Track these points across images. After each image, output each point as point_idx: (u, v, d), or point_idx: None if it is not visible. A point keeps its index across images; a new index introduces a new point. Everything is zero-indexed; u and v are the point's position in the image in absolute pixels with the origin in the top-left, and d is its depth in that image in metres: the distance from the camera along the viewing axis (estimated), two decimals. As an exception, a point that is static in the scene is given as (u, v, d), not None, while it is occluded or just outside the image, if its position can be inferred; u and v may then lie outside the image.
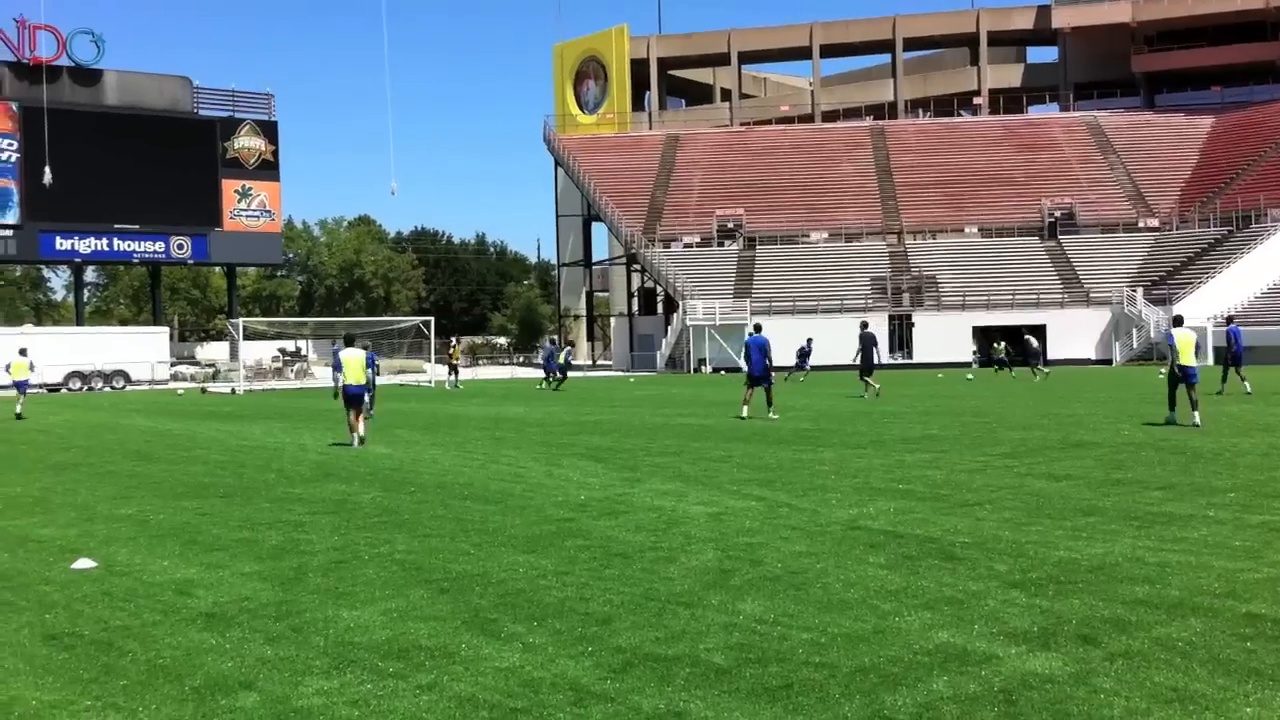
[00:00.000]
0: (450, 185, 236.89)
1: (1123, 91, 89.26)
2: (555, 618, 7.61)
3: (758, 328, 26.82)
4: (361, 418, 21.12)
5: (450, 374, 52.21)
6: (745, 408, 25.31)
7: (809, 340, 48.17)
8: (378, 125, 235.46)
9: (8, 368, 36.32)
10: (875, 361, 33.39)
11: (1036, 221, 73.85)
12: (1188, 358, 21.17)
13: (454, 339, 67.78)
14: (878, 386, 33.10)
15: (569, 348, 65.31)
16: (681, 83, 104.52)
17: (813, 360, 48.17)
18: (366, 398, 22.87)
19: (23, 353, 37.04)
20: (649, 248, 73.96)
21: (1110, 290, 65.39)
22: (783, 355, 36.46)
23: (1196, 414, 20.61)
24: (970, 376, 42.72)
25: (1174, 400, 21.50)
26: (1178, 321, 22.75)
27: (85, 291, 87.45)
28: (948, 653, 6.54)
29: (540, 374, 53.55)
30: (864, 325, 34.53)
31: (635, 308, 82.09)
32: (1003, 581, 8.31)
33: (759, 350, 24.84)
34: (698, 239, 75.44)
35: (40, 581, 9.29)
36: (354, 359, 21.03)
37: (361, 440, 20.62)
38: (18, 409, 33.97)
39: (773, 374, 25.15)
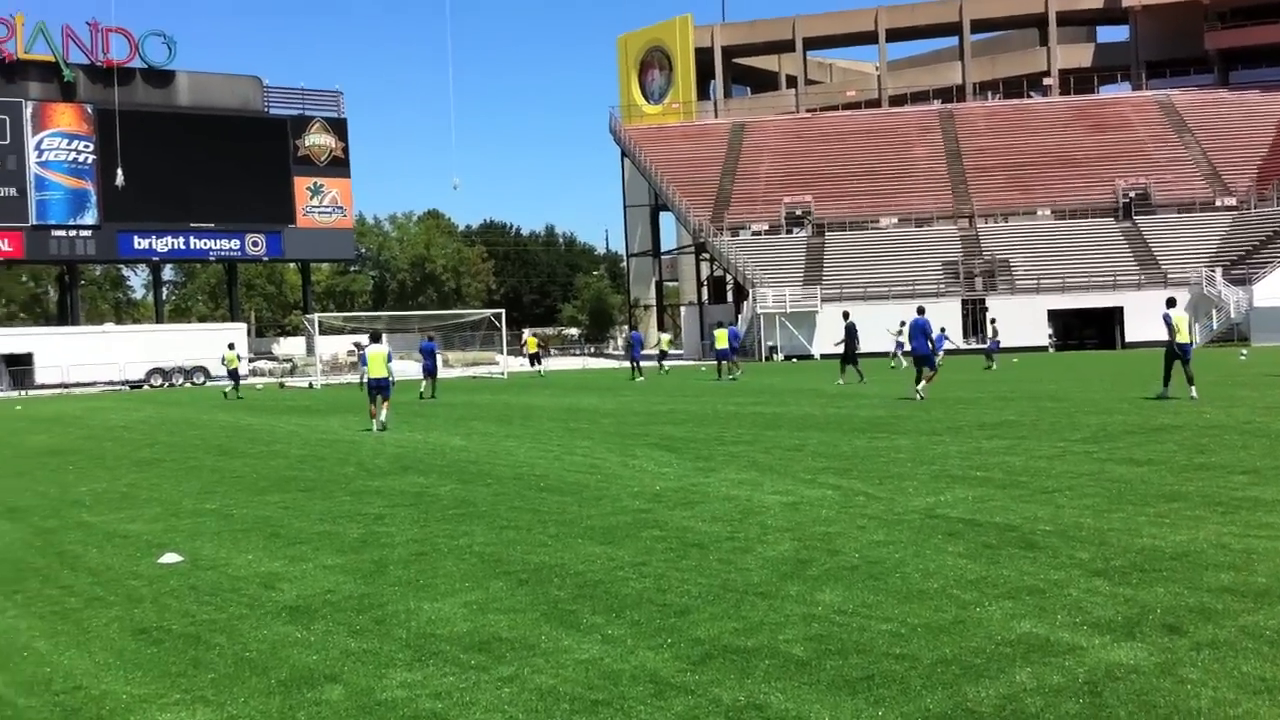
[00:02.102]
0: (518, 178, 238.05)
1: (1195, 69, 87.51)
2: (633, 609, 7.63)
3: (920, 310, 27.31)
4: (385, 404, 23.09)
5: (533, 364, 52.59)
6: (923, 386, 25.67)
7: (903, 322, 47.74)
8: (444, 120, 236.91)
9: (223, 359, 43.33)
10: (858, 350, 34.86)
11: (1110, 202, 72.68)
12: (1184, 336, 23.11)
13: (524, 332, 68.01)
14: (860, 374, 34.27)
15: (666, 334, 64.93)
16: (746, 70, 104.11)
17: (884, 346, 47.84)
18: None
19: (231, 346, 42.91)
20: (717, 236, 73.82)
21: (1188, 271, 64.25)
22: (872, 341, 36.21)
23: (1193, 388, 22.53)
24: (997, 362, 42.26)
25: (1169, 376, 23.25)
26: (1171, 303, 24.15)
27: (164, 290, 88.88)
28: (1030, 643, 6.47)
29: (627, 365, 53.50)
30: (846, 315, 36.38)
31: (705, 296, 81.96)
32: (1085, 570, 8.20)
33: (922, 332, 25.77)
34: (766, 226, 75.16)
35: (128, 576, 9.47)
36: (377, 354, 23.14)
37: (383, 426, 22.71)
38: (232, 392, 42.08)
39: (936, 357, 25.97)
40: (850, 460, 15.01)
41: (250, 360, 67.34)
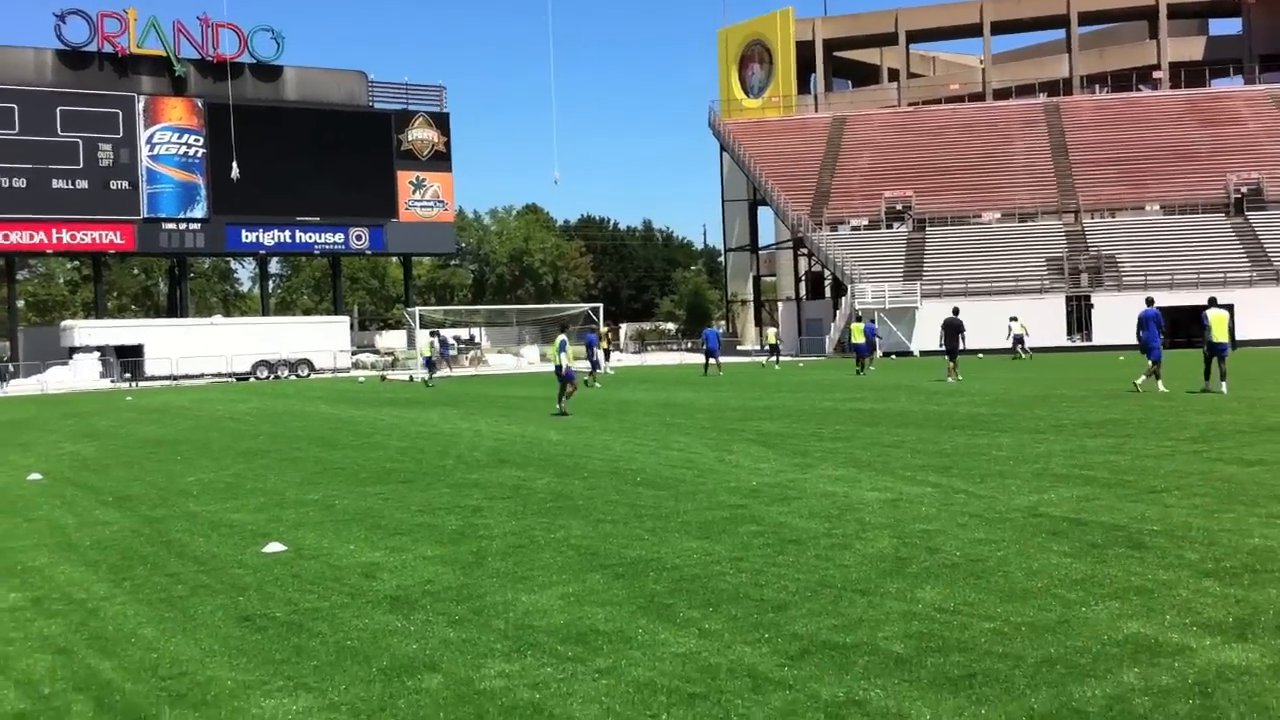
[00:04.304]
0: (616, 173, 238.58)
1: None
2: (730, 604, 7.61)
3: (1149, 301, 27.05)
4: (565, 390, 25.51)
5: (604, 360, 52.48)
6: (1148, 381, 25.61)
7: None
8: (544, 115, 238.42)
9: (419, 349, 46.16)
10: (960, 347, 34.67)
11: (1221, 198, 70.76)
12: (1219, 335, 24.50)
13: (605, 325, 67.89)
14: (958, 373, 34.03)
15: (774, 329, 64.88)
16: (847, 64, 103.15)
17: (986, 343, 47.22)
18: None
19: (432, 334, 46.09)
20: (816, 231, 73.28)
21: (1303, 267, 62.45)
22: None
23: (1224, 384, 24.18)
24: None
25: (1209, 372, 24.89)
26: (1211, 302, 25.61)
27: (270, 283, 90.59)
28: (1138, 644, 6.33)
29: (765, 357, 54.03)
30: (955, 311, 36.28)
31: (803, 292, 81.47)
32: (1194, 570, 8.01)
33: (1155, 324, 25.65)
34: (865, 221, 74.42)
35: (233, 565, 9.66)
36: (554, 344, 26.38)
37: (561, 412, 25.16)
38: (429, 380, 45.42)
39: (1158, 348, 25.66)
40: (950, 457, 14.82)
41: (352, 353, 68.41)
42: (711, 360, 45.70)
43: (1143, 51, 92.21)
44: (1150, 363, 25.51)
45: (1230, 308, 59.17)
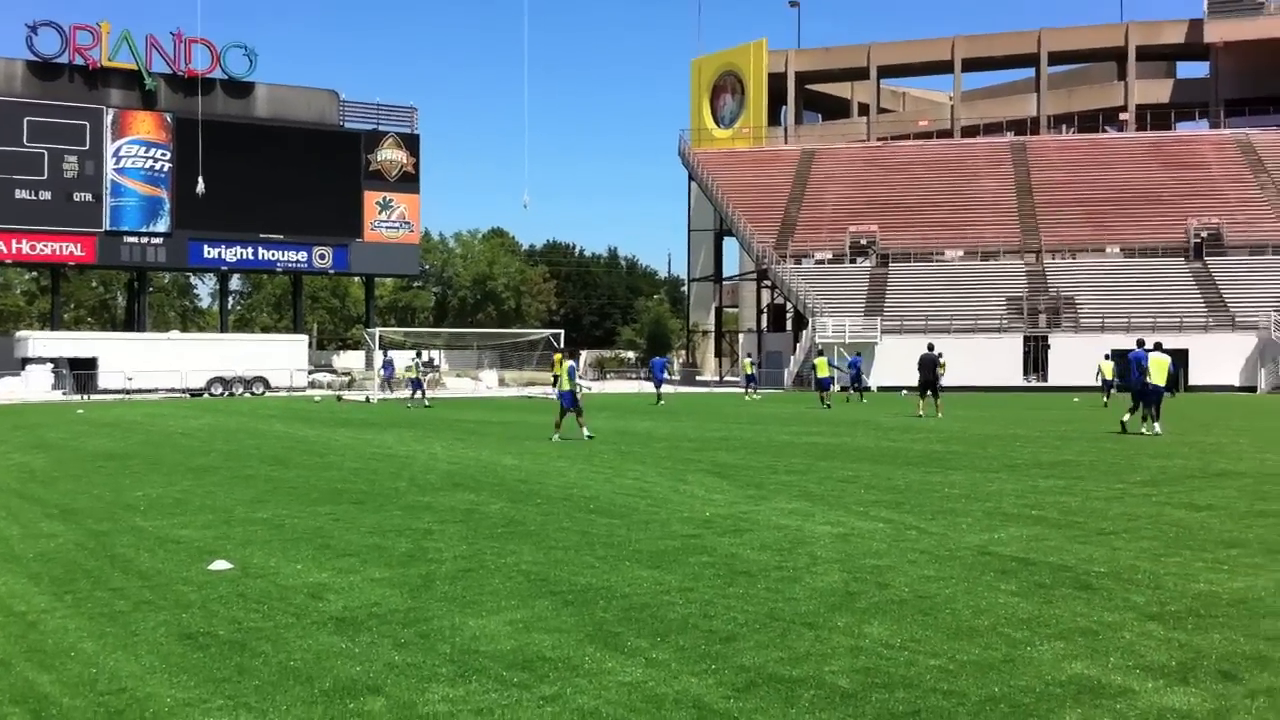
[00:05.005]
0: (583, 198, 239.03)
1: (1276, 109, 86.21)
2: (679, 634, 7.59)
3: (1140, 342, 27.67)
4: (573, 416, 25.33)
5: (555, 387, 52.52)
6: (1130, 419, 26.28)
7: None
8: (512, 138, 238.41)
9: (405, 368, 47.34)
10: (934, 382, 34.76)
11: (1182, 242, 71.63)
12: (1157, 378, 25.44)
13: (557, 354, 67.62)
14: (938, 405, 34.32)
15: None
16: (818, 97, 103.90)
17: (944, 380, 47.44)
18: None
19: (418, 354, 47.99)
20: (780, 263, 73.62)
21: (1257, 314, 63.26)
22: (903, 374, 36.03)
23: (1157, 425, 25.17)
24: (1106, 403, 41.64)
25: (1135, 407, 26.08)
26: (1156, 347, 26.68)
27: (230, 299, 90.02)
28: (1081, 684, 6.36)
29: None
30: (930, 347, 36.23)
31: (764, 324, 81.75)
32: (1140, 613, 8.07)
33: (1138, 365, 26.07)
34: (830, 255, 74.86)
35: (178, 581, 9.55)
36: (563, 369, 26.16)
37: (585, 435, 25.10)
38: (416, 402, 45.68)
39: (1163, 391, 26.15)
40: (903, 494, 14.88)
41: (309, 372, 67.98)
42: (656, 389, 46.43)
43: (1110, 93, 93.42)
44: (1146, 405, 25.96)
45: (1184, 353, 60.04)
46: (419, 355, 51.29)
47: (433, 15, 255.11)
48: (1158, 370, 25.50)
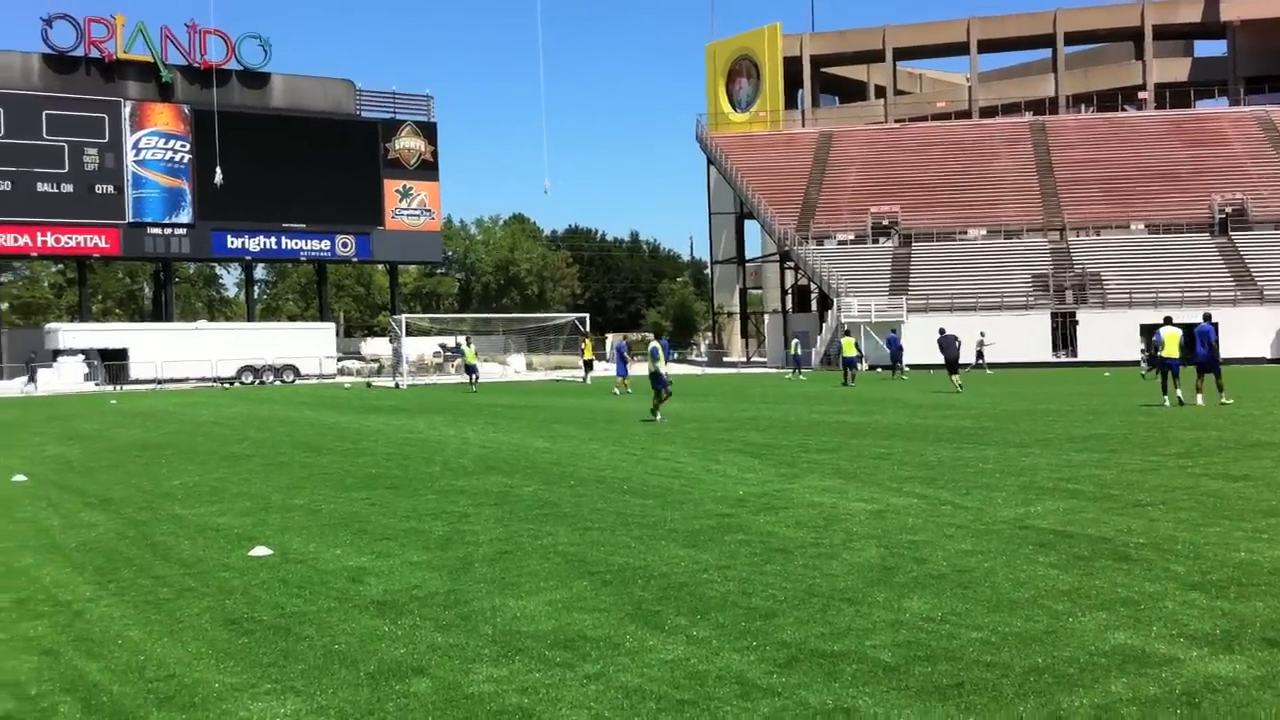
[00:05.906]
0: (604, 184, 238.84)
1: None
2: (718, 611, 7.61)
3: (1206, 316, 27.75)
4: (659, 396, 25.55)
5: (587, 370, 52.40)
6: (1199, 396, 25.99)
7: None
8: (532, 125, 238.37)
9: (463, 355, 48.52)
10: (957, 360, 35.97)
11: (1206, 218, 71.07)
12: (1170, 351, 25.93)
13: (584, 337, 67.72)
14: (959, 383, 34.88)
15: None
16: (835, 80, 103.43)
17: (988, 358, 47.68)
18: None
19: (469, 342, 48.98)
20: (802, 245, 73.41)
21: (1286, 287, 62.79)
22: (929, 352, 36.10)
23: (1174, 395, 25.75)
24: (1144, 375, 41.38)
25: (1165, 386, 26.40)
26: (1167, 321, 27.35)
27: (255, 288, 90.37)
28: (1125, 654, 6.35)
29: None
30: (941, 331, 38.08)
31: (789, 305, 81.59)
32: (1181, 583, 8.04)
33: (1203, 339, 26.30)
34: (852, 236, 74.56)
35: (219, 568, 9.62)
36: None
37: (657, 417, 25.26)
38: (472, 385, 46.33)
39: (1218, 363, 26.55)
40: (936, 470, 14.85)
41: (338, 360, 68.24)
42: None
43: (1128, 72, 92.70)
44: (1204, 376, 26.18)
45: (1216, 326, 59.54)
46: (467, 343, 51.16)
47: (447, 3, 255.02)
48: (1171, 343, 25.97)
